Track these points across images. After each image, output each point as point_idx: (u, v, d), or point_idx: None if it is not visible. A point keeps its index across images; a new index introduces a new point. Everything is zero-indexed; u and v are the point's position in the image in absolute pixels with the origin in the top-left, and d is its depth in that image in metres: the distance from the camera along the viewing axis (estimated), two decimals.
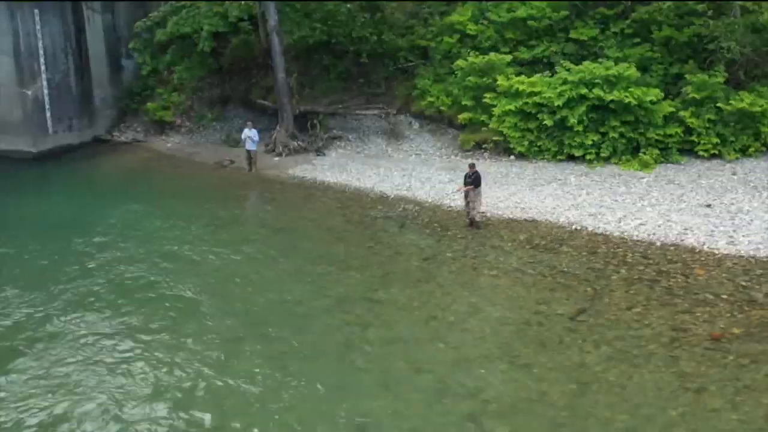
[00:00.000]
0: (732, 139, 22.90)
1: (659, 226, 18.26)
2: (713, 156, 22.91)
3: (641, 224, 18.49)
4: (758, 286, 15.03)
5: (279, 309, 14.97)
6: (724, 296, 14.63)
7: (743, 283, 15.16)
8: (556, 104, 23.26)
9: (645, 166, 22.63)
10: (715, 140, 22.83)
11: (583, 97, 23.28)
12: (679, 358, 12.52)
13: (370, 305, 14.98)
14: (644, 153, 22.91)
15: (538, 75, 24.72)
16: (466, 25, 27.47)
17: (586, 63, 23.94)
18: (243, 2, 26.55)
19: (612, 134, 23.18)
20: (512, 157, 24.62)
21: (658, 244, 17.45)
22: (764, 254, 16.43)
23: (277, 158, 26.34)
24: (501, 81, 24.67)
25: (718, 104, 22.75)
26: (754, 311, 13.96)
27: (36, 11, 27.18)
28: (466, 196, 19.00)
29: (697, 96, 22.90)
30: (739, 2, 23.54)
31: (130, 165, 27.30)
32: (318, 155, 26.27)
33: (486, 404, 11.51)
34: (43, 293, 15.64)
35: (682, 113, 23.09)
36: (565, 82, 23.58)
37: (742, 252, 16.63)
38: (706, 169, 22.25)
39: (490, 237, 18.39)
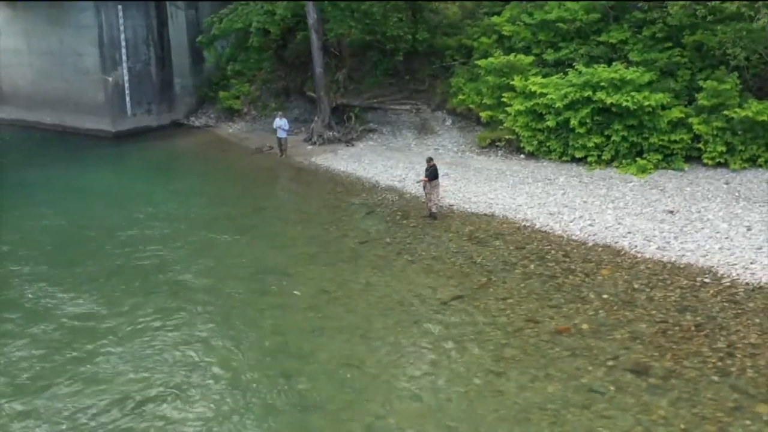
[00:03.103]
0: (741, 148, 22.19)
1: (606, 228, 18.52)
2: (719, 165, 22.35)
3: (589, 225, 18.81)
4: (649, 290, 15.20)
5: (206, 274, 16.95)
6: (605, 296, 14.98)
7: (636, 286, 15.39)
8: (557, 106, 23.59)
9: (642, 170, 22.52)
10: (721, 148, 22.25)
11: (588, 100, 23.44)
12: (508, 345, 13.27)
13: (282, 277, 16.67)
14: (644, 158, 22.77)
15: (555, 76, 25.03)
16: (502, 26, 28.10)
17: (596, 66, 24.04)
18: (289, 0, 28.66)
19: (614, 137, 23.19)
20: (522, 156, 25.15)
21: (590, 244, 17.79)
22: (685, 261, 16.43)
23: (310, 147, 28.36)
24: (516, 81, 25.24)
25: (725, 112, 22.16)
26: (619, 312, 14.29)
27: (119, 7, 30.81)
28: (424, 188, 20.09)
29: (706, 103, 22.43)
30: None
31: (188, 147, 30.33)
32: (347, 146, 27.99)
33: (306, 365, 12.93)
34: (54, 266, 17.78)
35: (691, 120, 22.71)
36: (572, 84, 23.82)
37: (665, 257, 16.70)
38: (703, 177, 21.78)
39: (438, 227, 19.40)
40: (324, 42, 30.12)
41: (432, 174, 19.80)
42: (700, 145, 22.66)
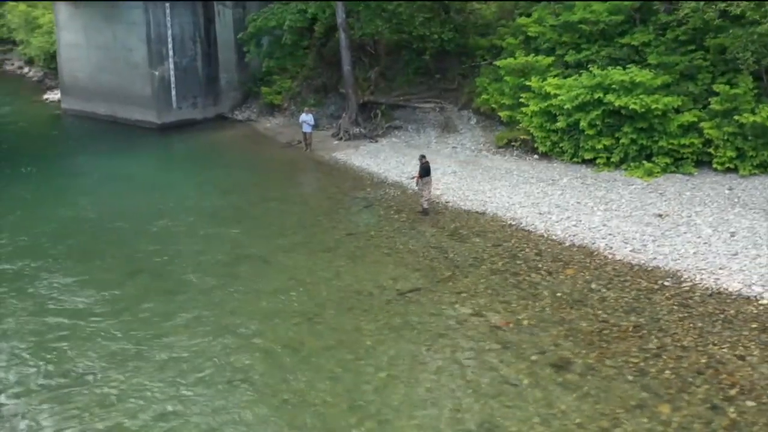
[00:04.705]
0: (751, 153, 21.79)
1: (589, 229, 18.65)
2: (729, 170, 22.01)
3: (573, 225, 18.96)
4: (605, 290, 15.39)
5: (193, 262, 17.97)
6: (559, 294, 15.24)
7: (593, 286, 15.58)
8: (566, 107, 23.67)
9: (648, 174, 22.39)
10: (731, 154, 21.91)
11: (599, 102, 23.44)
12: (444, 336, 13.78)
13: (260, 263, 17.60)
14: (652, 161, 22.64)
15: (571, 78, 25.06)
16: (529, 26, 28.24)
17: (609, 68, 23.98)
18: (319, 0, 29.62)
19: (623, 140, 23.12)
20: (536, 156, 25.31)
21: (567, 244, 17.98)
22: (654, 264, 16.46)
23: (336, 142, 29.24)
24: (533, 82, 25.41)
25: (736, 117, 21.80)
26: (565, 310, 14.56)
27: (167, 5, 32.44)
28: (417, 184, 20.65)
29: (718, 107, 22.12)
30: None
31: (225, 140, 31.66)
32: (371, 142, 28.71)
33: (249, 344, 13.85)
34: (69, 258, 18.60)
35: (702, 124, 22.44)
36: (583, 86, 23.84)
37: (636, 260, 16.76)
38: (709, 182, 21.49)
39: (425, 223, 19.93)
40: (360, 40, 30.98)
41: (424, 171, 20.31)
42: (711, 150, 22.37)
